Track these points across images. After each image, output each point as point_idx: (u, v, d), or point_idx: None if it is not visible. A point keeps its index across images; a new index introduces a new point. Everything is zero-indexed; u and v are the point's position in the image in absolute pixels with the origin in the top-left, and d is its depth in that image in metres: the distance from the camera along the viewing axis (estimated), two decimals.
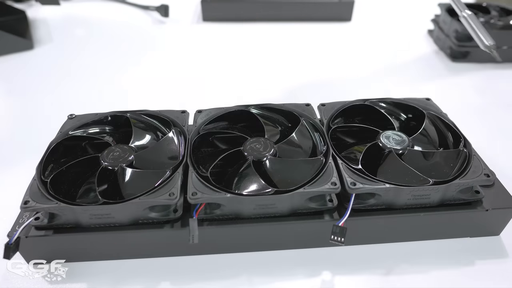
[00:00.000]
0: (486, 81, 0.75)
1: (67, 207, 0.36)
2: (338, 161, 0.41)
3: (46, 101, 0.69)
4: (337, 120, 0.49)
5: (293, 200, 0.38)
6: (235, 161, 0.42)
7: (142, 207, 0.37)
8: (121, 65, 0.81)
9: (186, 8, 1.05)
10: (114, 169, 0.41)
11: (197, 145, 0.45)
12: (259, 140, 0.43)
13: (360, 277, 0.40)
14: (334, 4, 0.98)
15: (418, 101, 0.50)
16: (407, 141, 0.43)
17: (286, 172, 0.41)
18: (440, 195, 0.40)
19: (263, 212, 0.39)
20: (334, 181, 0.38)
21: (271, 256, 0.42)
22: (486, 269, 0.41)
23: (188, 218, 0.39)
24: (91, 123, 0.48)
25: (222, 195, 0.36)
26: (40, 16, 1.01)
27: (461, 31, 0.78)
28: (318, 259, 0.41)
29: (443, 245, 0.43)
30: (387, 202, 0.40)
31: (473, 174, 0.39)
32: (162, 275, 0.40)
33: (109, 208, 0.37)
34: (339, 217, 0.39)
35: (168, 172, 0.40)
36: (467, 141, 0.44)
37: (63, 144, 0.44)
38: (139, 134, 0.46)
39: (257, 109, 0.48)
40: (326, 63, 0.82)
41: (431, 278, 0.40)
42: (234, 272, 0.40)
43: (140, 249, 0.41)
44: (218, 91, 0.73)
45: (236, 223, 0.39)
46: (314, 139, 0.45)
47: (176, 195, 0.37)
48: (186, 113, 0.49)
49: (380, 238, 0.43)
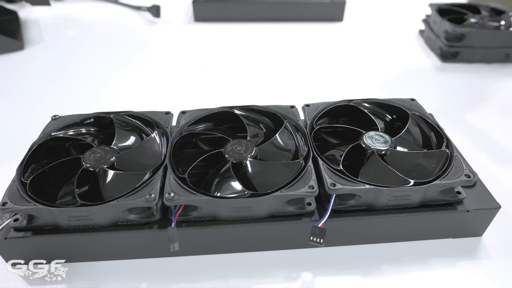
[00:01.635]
0: (476, 81, 0.75)
1: (44, 209, 0.36)
2: (319, 162, 0.41)
3: (35, 102, 0.69)
4: (322, 120, 0.49)
5: (269, 203, 0.38)
6: (217, 162, 0.42)
7: (120, 209, 0.37)
8: (112, 66, 0.81)
9: (178, 9, 1.05)
10: (95, 170, 0.41)
11: (180, 146, 0.44)
12: (240, 142, 0.43)
13: (340, 278, 0.40)
14: (326, 4, 0.98)
15: (402, 101, 0.50)
16: (390, 142, 0.43)
17: (265, 175, 0.41)
18: (421, 196, 0.40)
19: (240, 214, 0.39)
20: (311, 185, 0.38)
21: (249, 258, 0.42)
22: (468, 270, 0.41)
23: (167, 219, 0.39)
24: (74, 124, 0.48)
25: (198, 197, 0.36)
26: (32, 17, 1.01)
27: (451, 31, 0.77)
28: (297, 260, 0.41)
29: (424, 246, 0.43)
30: (368, 203, 0.40)
31: (453, 175, 0.39)
32: (141, 276, 0.40)
33: (87, 210, 0.37)
34: (319, 218, 0.39)
35: (148, 174, 0.40)
36: (449, 142, 0.43)
37: (46, 145, 0.44)
38: (122, 135, 0.46)
39: (241, 111, 0.48)
40: (317, 64, 0.82)
41: (411, 280, 0.40)
42: (212, 273, 0.40)
43: (120, 251, 0.41)
44: (209, 91, 0.73)
45: (213, 225, 0.39)
46: (297, 141, 0.45)
47: (154, 197, 0.37)
48: (170, 114, 0.49)
49: (361, 239, 0.43)
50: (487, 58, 0.80)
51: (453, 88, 0.73)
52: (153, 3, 1.01)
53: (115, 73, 0.78)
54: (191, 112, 0.48)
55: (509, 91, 0.72)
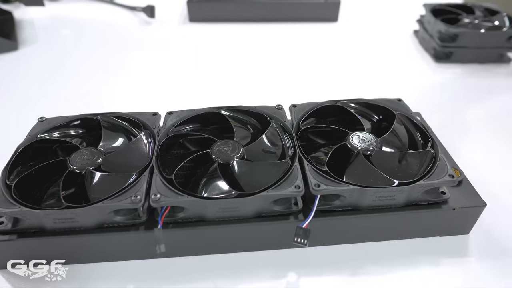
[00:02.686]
0: (469, 81, 0.75)
1: (29, 212, 0.36)
2: (304, 162, 0.41)
3: (27, 103, 0.69)
4: (309, 121, 0.50)
5: (256, 203, 0.38)
6: (204, 163, 0.42)
7: (105, 211, 0.37)
8: (106, 67, 0.81)
9: (173, 9, 1.05)
10: (81, 172, 0.41)
11: (167, 147, 0.45)
12: (227, 142, 0.43)
13: (325, 278, 0.40)
14: (320, 4, 0.98)
15: (389, 101, 0.50)
16: (376, 142, 0.44)
17: (252, 175, 0.41)
18: (405, 196, 0.40)
19: (226, 215, 0.39)
20: (298, 184, 0.38)
21: (236, 258, 0.42)
22: (455, 268, 0.42)
23: (153, 221, 0.39)
24: (61, 126, 0.47)
25: (184, 198, 0.37)
26: (27, 17, 1.00)
27: (444, 31, 0.77)
28: (284, 260, 0.42)
29: (411, 244, 0.44)
30: (352, 203, 0.40)
31: (437, 175, 0.40)
32: (127, 278, 0.40)
33: (72, 212, 0.37)
34: (304, 219, 0.39)
35: (134, 175, 0.40)
36: (434, 142, 0.44)
37: (32, 148, 0.44)
38: (109, 136, 0.46)
39: (228, 111, 0.48)
40: (311, 64, 0.82)
41: (398, 278, 0.41)
42: (199, 274, 0.40)
43: (106, 253, 0.41)
44: (200, 92, 0.72)
45: (199, 226, 0.39)
46: (283, 141, 0.45)
47: (140, 199, 0.37)
48: (157, 115, 0.49)
49: (348, 238, 0.43)
50: (480, 59, 0.80)
51: (447, 89, 0.73)
52: (148, 3, 1.00)
53: (109, 73, 0.78)
54: (178, 113, 0.48)
55: (502, 91, 0.72)
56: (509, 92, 0.72)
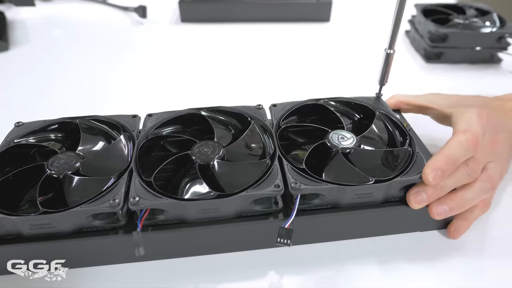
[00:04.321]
0: (460, 82, 0.75)
1: (4, 218, 0.35)
2: (284, 162, 0.41)
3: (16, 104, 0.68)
4: (289, 119, 0.50)
5: (236, 203, 0.38)
6: (184, 165, 0.42)
7: (83, 216, 0.37)
8: (98, 67, 0.80)
9: (165, 9, 1.05)
10: (59, 177, 0.40)
11: (146, 149, 0.44)
12: (207, 143, 0.43)
13: (308, 276, 0.41)
14: (312, 4, 0.98)
15: (368, 99, 0.51)
16: (355, 140, 0.44)
17: (232, 175, 0.41)
18: (383, 193, 0.40)
19: (207, 216, 0.39)
20: (277, 184, 0.38)
21: (218, 260, 0.42)
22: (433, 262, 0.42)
23: (133, 224, 0.39)
24: (39, 131, 0.47)
25: (163, 200, 0.36)
26: (19, 18, 0.99)
27: (434, 32, 0.78)
28: (265, 260, 0.42)
29: (392, 240, 0.44)
30: (332, 201, 0.41)
31: (414, 171, 0.40)
32: (108, 282, 0.40)
33: (49, 217, 0.36)
34: (285, 218, 0.40)
35: (113, 178, 0.40)
36: (412, 139, 0.44)
37: (9, 153, 0.44)
38: (87, 140, 0.46)
39: (208, 112, 0.48)
40: (304, 64, 0.82)
41: (379, 274, 0.41)
42: (180, 277, 0.40)
43: (85, 258, 0.40)
44: (190, 93, 0.72)
45: (180, 228, 0.39)
46: (264, 141, 0.45)
47: (119, 202, 0.37)
48: (137, 118, 0.48)
49: (328, 236, 0.44)
50: (471, 59, 0.80)
51: (437, 89, 0.73)
52: (140, 3, 1.00)
53: (101, 74, 0.77)
54: (158, 114, 0.48)
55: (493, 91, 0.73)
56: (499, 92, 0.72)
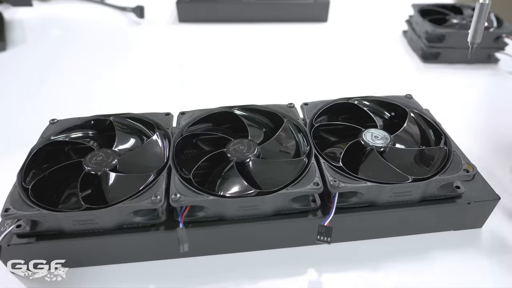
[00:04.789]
0: (457, 82, 0.75)
1: (49, 214, 0.36)
2: (320, 160, 0.41)
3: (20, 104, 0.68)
4: (320, 118, 0.50)
5: (276, 201, 0.38)
6: (219, 162, 0.42)
7: (125, 212, 0.37)
8: (97, 67, 0.80)
9: (162, 9, 1.04)
10: (97, 173, 0.41)
11: (181, 147, 0.44)
12: (242, 141, 0.43)
13: (346, 274, 0.41)
14: (310, 4, 0.98)
15: (399, 98, 0.51)
16: (389, 139, 0.44)
17: (269, 173, 0.41)
18: (421, 191, 0.40)
19: (246, 213, 0.39)
20: (316, 181, 0.38)
21: (256, 257, 0.42)
22: (468, 261, 0.42)
23: (173, 220, 0.39)
24: (73, 128, 0.47)
25: (204, 197, 0.37)
26: (17, 18, 0.99)
27: (431, 32, 0.77)
28: (304, 257, 0.42)
29: (426, 239, 0.44)
30: (370, 200, 0.41)
31: (452, 170, 0.40)
32: (149, 279, 0.40)
33: (92, 213, 0.36)
34: (323, 216, 0.40)
35: (152, 175, 0.40)
36: (447, 138, 0.44)
37: (45, 150, 0.44)
38: (122, 137, 0.46)
39: (241, 110, 0.48)
40: (304, 63, 0.82)
41: (414, 272, 0.41)
42: (220, 274, 0.41)
43: (126, 254, 0.41)
44: (199, 92, 0.72)
45: (220, 225, 0.39)
46: (297, 139, 0.45)
47: (160, 199, 0.37)
48: (170, 116, 0.49)
49: (365, 234, 0.44)
50: (468, 59, 0.79)
51: (434, 89, 0.73)
52: (138, 3, 1.00)
53: (100, 74, 0.77)
54: (190, 112, 0.48)
55: (490, 92, 0.73)
56: (497, 92, 0.72)
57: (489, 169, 0.47)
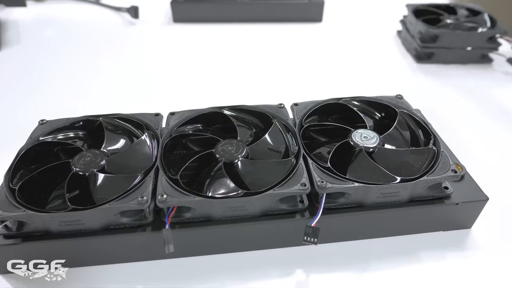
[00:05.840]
0: (450, 82, 0.75)
1: (34, 215, 0.36)
2: (309, 161, 0.41)
3: (12, 105, 0.68)
4: (311, 119, 0.50)
5: (263, 201, 0.38)
6: (208, 163, 0.42)
7: (112, 213, 0.37)
8: (91, 68, 0.80)
9: (157, 9, 1.04)
10: (85, 174, 0.41)
11: (169, 147, 0.44)
12: (231, 142, 0.43)
13: (333, 274, 0.41)
14: (304, 4, 0.98)
15: (390, 99, 0.51)
16: (378, 140, 0.44)
17: (257, 174, 0.41)
18: (409, 192, 0.40)
19: (233, 214, 0.39)
20: (303, 182, 0.38)
21: (244, 258, 0.42)
22: (458, 261, 0.42)
23: (160, 221, 0.39)
24: (62, 128, 0.47)
25: (191, 198, 0.37)
26: (11, 18, 0.99)
27: (424, 32, 0.77)
28: (291, 258, 0.42)
29: (415, 240, 0.44)
30: (357, 200, 0.41)
31: (440, 170, 0.40)
32: (135, 280, 0.40)
33: (78, 214, 0.36)
34: (310, 216, 0.40)
35: (139, 176, 0.40)
36: (436, 139, 0.44)
37: (34, 150, 0.44)
38: (111, 138, 0.46)
39: (231, 111, 0.48)
40: (298, 64, 0.82)
41: (403, 273, 0.41)
42: (207, 274, 0.41)
43: (113, 255, 0.41)
44: (191, 92, 0.72)
45: (207, 225, 0.39)
46: (287, 140, 0.45)
47: (146, 200, 0.37)
48: (159, 116, 0.49)
49: (353, 235, 0.44)
50: (462, 59, 0.79)
51: (427, 89, 0.73)
52: (132, 3, 1.00)
53: (95, 75, 0.77)
54: (180, 113, 0.48)
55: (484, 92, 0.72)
56: (490, 92, 0.72)
57: (480, 169, 0.47)
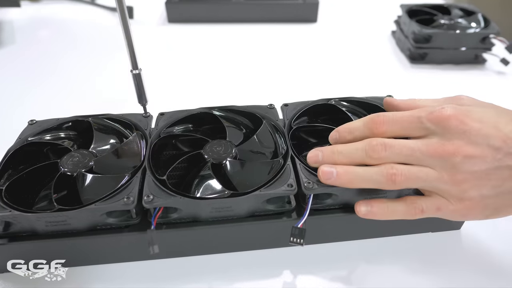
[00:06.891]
0: (443, 82, 0.75)
1: (20, 215, 0.36)
2: (296, 162, 0.41)
3: (7, 106, 0.68)
4: (301, 119, 0.50)
5: (249, 202, 0.38)
6: (197, 163, 0.42)
7: (98, 213, 0.37)
8: (86, 68, 0.80)
9: (151, 10, 1.04)
10: (73, 174, 0.41)
11: (159, 148, 0.44)
12: (220, 142, 0.43)
13: (321, 275, 0.41)
14: (299, 5, 0.98)
15: (379, 99, 0.51)
16: None
17: (245, 175, 0.41)
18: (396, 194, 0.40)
19: (220, 215, 0.39)
20: (290, 183, 0.38)
21: (230, 258, 0.42)
22: (447, 263, 0.42)
23: (147, 222, 0.39)
24: (52, 129, 0.47)
25: (177, 199, 0.36)
26: (6, 19, 0.99)
27: (417, 32, 0.77)
28: (278, 259, 0.42)
29: (404, 240, 0.44)
30: (345, 201, 0.40)
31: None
32: (122, 280, 0.40)
33: (63, 215, 0.36)
34: (298, 217, 0.40)
35: (126, 176, 0.40)
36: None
37: (23, 151, 0.44)
38: (100, 138, 0.46)
39: (220, 111, 0.48)
40: (292, 64, 0.82)
41: (392, 273, 0.41)
42: (194, 275, 0.41)
43: (99, 255, 0.41)
44: (184, 93, 0.72)
45: (193, 226, 0.39)
46: (275, 140, 0.45)
47: (133, 200, 0.37)
48: (149, 116, 0.49)
49: (341, 236, 0.44)
50: (455, 60, 0.79)
51: (420, 90, 0.73)
52: (127, 4, 0.99)
53: (90, 75, 0.77)
54: (170, 113, 0.48)
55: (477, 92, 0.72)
56: (484, 93, 0.72)
57: None
